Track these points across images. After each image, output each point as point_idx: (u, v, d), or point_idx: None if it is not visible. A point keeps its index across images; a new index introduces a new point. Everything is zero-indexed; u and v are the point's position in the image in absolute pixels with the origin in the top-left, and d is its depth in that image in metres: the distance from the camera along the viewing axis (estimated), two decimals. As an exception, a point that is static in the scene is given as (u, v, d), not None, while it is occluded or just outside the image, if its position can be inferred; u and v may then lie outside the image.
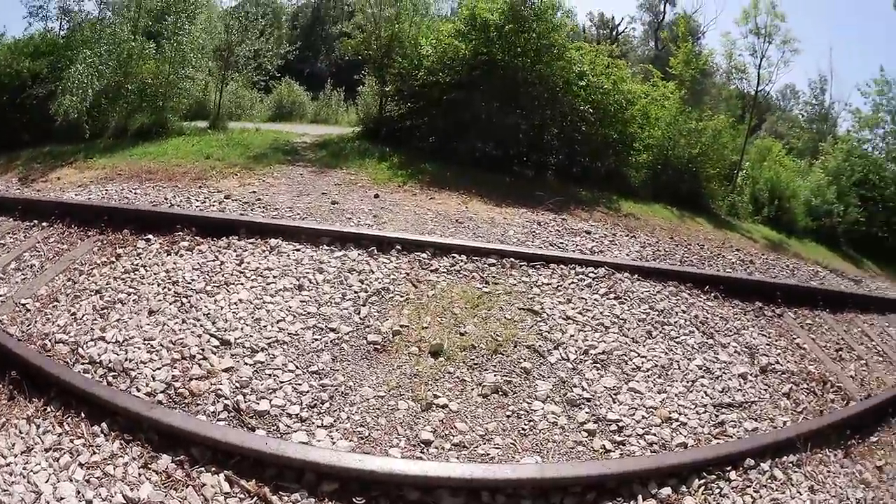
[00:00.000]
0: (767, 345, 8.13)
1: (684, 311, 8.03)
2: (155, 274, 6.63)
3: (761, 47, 27.91)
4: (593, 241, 11.10)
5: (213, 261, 7.11)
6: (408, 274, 7.17)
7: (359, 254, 7.53)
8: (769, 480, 4.94)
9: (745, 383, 6.63)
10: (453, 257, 7.94)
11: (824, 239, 27.87)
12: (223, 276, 6.61)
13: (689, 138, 21.55)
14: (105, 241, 7.60)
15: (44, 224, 8.13)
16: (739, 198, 24.69)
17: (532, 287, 7.48)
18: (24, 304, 6.02)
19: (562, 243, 10.29)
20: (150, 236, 7.74)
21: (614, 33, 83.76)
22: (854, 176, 34.31)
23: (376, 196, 11.68)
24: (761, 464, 5.07)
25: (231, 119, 24.30)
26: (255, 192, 11.19)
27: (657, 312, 7.64)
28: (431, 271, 7.43)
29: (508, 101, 17.46)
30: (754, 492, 4.77)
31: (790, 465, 5.28)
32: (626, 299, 7.71)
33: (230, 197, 10.55)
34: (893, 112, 39.37)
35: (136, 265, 6.87)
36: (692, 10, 69.91)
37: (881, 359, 10.37)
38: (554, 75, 17.89)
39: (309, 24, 53.83)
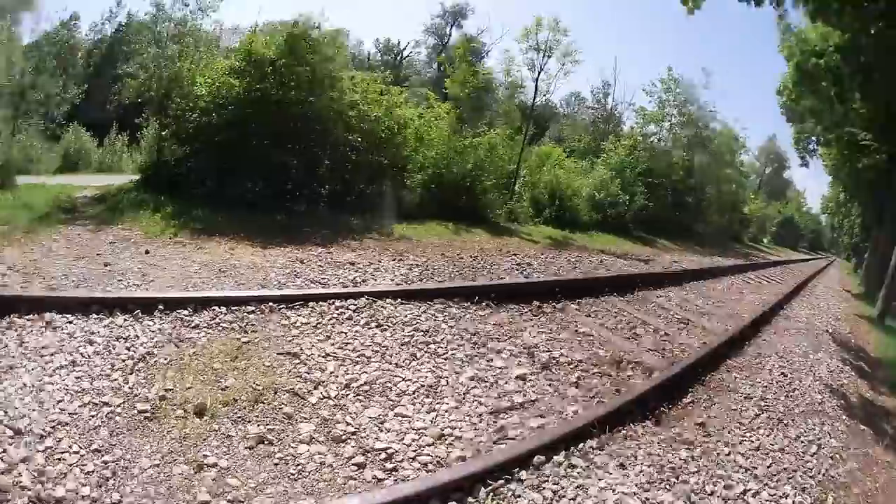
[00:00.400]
0: (549, 341, 8.36)
1: (452, 327, 8.15)
2: None
3: (540, 62, 29.93)
4: (357, 271, 11.14)
5: None
6: (170, 335, 6.89)
7: (125, 319, 7.14)
8: (568, 470, 5.04)
9: (525, 384, 6.75)
10: (213, 310, 7.70)
11: (613, 228, 29.60)
12: (7, 360, 6.17)
13: (463, 155, 22.59)
14: None
15: None
16: (518, 204, 26.27)
17: (291, 329, 7.38)
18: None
19: (324, 279, 10.24)
20: None
21: (398, 58, 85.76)
22: (639, 167, 36.88)
23: (147, 252, 11.29)
24: (554, 457, 5.16)
25: (20, 173, 22.55)
26: (35, 259, 10.51)
27: (422, 333, 7.70)
28: (192, 328, 7.17)
29: (281, 138, 17.39)
30: (554, 485, 4.84)
31: (590, 449, 5.43)
32: (388, 326, 7.77)
33: (13, 268, 9.88)
34: (680, 106, 42.82)
35: None
36: (478, 31, 72.64)
37: (683, 325, 11.06)
38: (326, 107, 18.07)
39: (102, 63, 50.40)
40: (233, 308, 7.77)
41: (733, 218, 61.85)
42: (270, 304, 8.02)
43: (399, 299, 8.72)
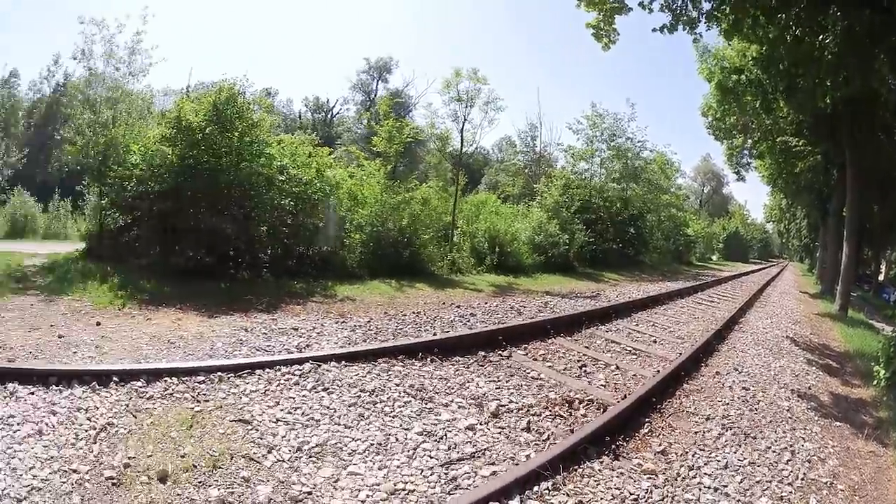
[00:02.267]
0: (497, 389, 8.57)
1: (398, 385, 8.33)
2: None
3: (464, 112, 30.37)
4: (301, 336, 11.19)
5: None
6: (127, 405, 7.00)
7: (83, 391, 7.25)
8: None
9: (474, 434, 6.94)
10: (165, 381, 7.82)
11: (557, 268, 29.90)
12: None
13: (398, 211, 22.74)
14: None
15: None
16: (459, 254, 26.32)
17: (241, 397, 7.51)
18: None
19: (269, 346, 10.30)
20: None
21: (329, 116, 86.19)
22: (574, 205, 37.46)
23: (98, 324, 11.29)
24: (509, 502, 5.35)
25: None
26: None
27: (368, 393, 7.88)
28: (147, 399, 7.29)
29: (216, 205, 17.37)
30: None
31: (546, 491, 5.63)
32: (334, 388, 7.94)
33: None
34: (607, 140, 43.57)
35: None
36: (404, 84, 73.50)
37: (635, 357, 11.35)
38: (256, 173, 18.14)
39: (42, 123, 51.26)
40: (184, 378, 7.91)
41: (677, 241, 62.63)
42: (219, 373, 8.16)
43: (343, 362, 8.93)
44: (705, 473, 6.44)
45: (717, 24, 14.81)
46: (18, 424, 6.27)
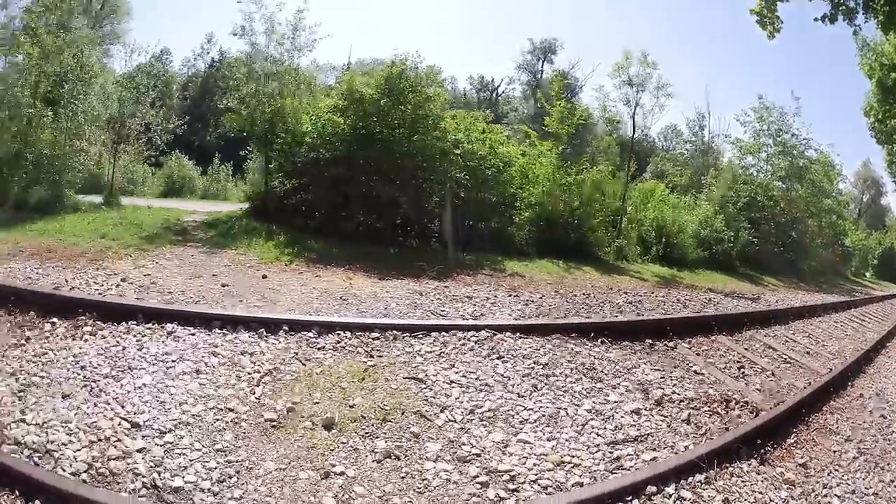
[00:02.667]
0: (661, 378, 8.33)
1: (569, 361, 8.21)
2: (63, 358, 6.38)
3: (635, 96, 29.22)
4: (475, 305, 11.25)
5: (115, 346, 6.91)
6: (296, 353, 7.19)
7: (249, 336, 7.53)
8: (676, 501, 5.10)
9: (639, 418, 6.79)
10: (338, 334, 7.99)
11: (719, 265, 28.80)
12: (126, 360, 6.45)
13: (569, 192, 22.37)
14: (14, 323, 7.39)
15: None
16: (626, 242, 25.58)
17: (415, 356, 7.55)
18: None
19: (443, 311, 10.41)
20: (55, 320, 7.54)
21: (494, 95, 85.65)
22: (740, 201, 35.75)
23: (264, 276, 11.64)
24: (665, 488, 5.22)
25: (124, 194, 23.88)
26: (149, 274, 11.01)
27: (541, 366, 7.77)
28: (318, 349, 7.46)
29: (387, 174, 17.64)
30: (663, 514, 4.85)
31: (698, 483, 5.45)
32: (508, 358, 7.88)
33: (126, 280, 10.33)
34: (773, 135, 41.39)
35: (45, 348, 6.61)
36: (569, 66, 72.18)
37: (789, 366, 10.82)
38: (430, 146, 18.28)
39: (198, 95, 53.29)
40: (357, 333, 8.07)
41: (835, 251, 59.81)
42: (394, 331, 8.26)
43: (518, 333, 8.86)
44: (835, 494, 6.08)
45: (873, 17, 13.96)
46: (174, 362, 6.48)
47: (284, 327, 7.89)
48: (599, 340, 9.36)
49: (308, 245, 15.27)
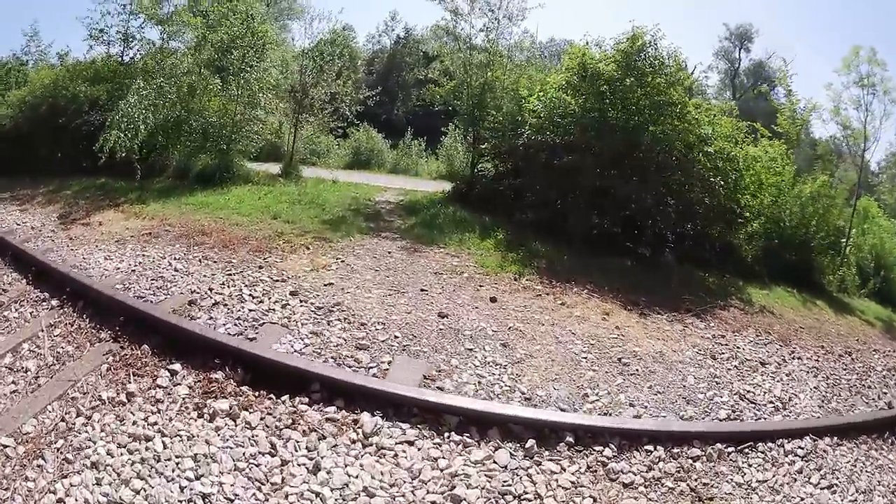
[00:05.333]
0: None
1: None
2: (176, 456, 4.27)
3: (865, 99, 24.15)
4: (772, 376, 7.76)
5: (269, 453, 4.33)
6: (594, 499, 4.27)
7: (510, 455, 4.59)
8: None
9: None
10: (647, 452, 4.95)
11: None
12: (284, 490, 3.98)
13: (803, 204, 18.49)
14: (117, 359, 5.56)
15: (53, 302, 6.89)
16: (848, 270, 20.79)
17: (750, 492, 4.79)
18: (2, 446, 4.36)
19: (748, 392, 6.99)
20: (178, 366, 5.41)
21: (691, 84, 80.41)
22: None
23: (493, 300, 8.45)
24: None
25: (306, 164, 22.10)
26: (331, 283, 8.21)
27: None
28: (625, 487, 4.49)
29: (625, 168, 14.18)
30: None
31: None
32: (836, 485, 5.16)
33: (298, 292, 7.62)
34: None
35: (151, 422, 4.65)
36: (766, 55, 65.88)
37: None
38: (673, 138, 14.50)
39: (385, 71, 52.16)
40: (671, 448, 5.10)
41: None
42: (717, 444, 5.27)
43: (835, 438, 5.93)
44: None
45: None
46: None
47: (568, 438, 4.88)
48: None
49: (533, 248, 12.07)
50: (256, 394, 4.99)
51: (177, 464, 4.18)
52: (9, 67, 23.11)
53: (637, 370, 6.81)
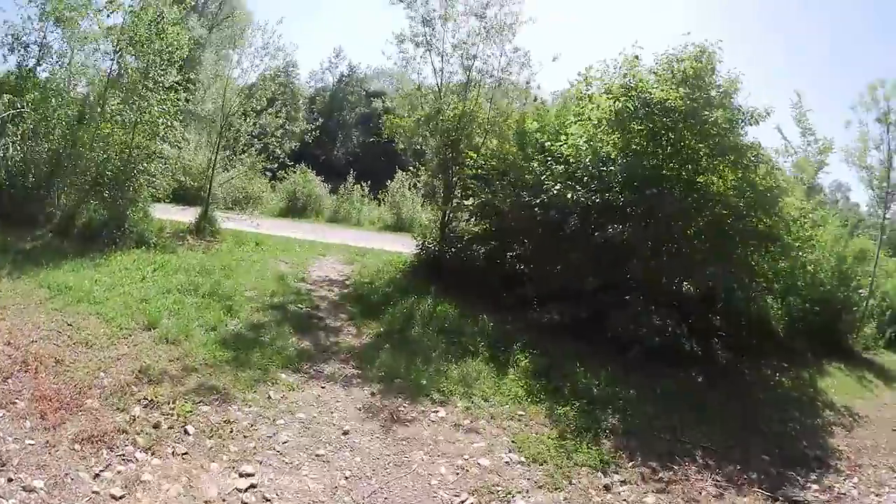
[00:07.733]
0: None
1: None
2: None
3: (887, 137, 20.58)
4: None
5: None
6: None
7: None
8: None
9: None
10: None
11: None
12: None
13: (840, 263, 15.69)
14: None
15: None
16: (868, 324, 17.67)
17: None
18: None
19: None
20: None
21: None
22: None
23: None
24: None
25: (233, 208, 18.42)
26: None
27: None
28: None
29: (689, 240, 9.73)
30: None
31: None
32: None
33: None
34: None
35: None
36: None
37: None
38: (739, 195, 9.85)
39: (326, 110, 49.24)
40: None
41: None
42: None
43: None
44: None
45: None
46: None
47: None
48: None
49: (582, 383, 7.41)
50: None
51: None
52: None
53: None
